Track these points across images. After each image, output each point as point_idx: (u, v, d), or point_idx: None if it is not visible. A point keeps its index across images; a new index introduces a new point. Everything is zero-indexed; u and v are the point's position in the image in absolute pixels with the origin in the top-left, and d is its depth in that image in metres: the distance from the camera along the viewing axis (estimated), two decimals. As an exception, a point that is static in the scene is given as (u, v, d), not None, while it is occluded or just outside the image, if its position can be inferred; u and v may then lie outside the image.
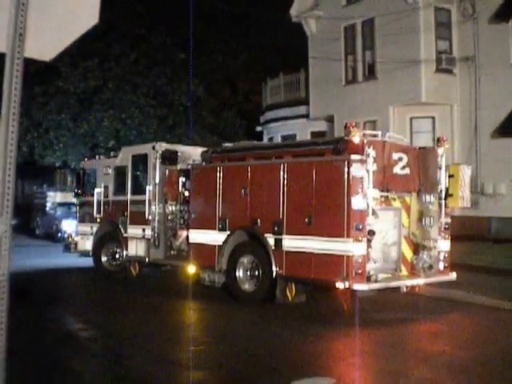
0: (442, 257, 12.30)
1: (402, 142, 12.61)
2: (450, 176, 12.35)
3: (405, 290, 12.25)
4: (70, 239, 18.44)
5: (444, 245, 12.36)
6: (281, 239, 11.89)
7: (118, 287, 15.62)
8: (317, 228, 11.22)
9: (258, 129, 31.06)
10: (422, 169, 12.33)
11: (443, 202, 12.23)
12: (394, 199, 11.94)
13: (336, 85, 25.89)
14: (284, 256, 11.84)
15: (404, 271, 11.98)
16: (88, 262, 17.54)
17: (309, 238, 11.37)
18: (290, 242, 11.74)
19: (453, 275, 12.44)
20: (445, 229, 12.35)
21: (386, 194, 11.68)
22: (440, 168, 12.24)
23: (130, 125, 27.54)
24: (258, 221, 12.43)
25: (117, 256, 16.65)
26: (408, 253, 12.10)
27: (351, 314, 11.03)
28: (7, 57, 4.04)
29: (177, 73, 28.43)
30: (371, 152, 10.96)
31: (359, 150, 10.84)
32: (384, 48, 23.95)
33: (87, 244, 17.33)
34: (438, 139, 12.56)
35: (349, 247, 10.65)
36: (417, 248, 12.13)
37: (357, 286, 10.64)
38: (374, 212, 10.97)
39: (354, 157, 10.79)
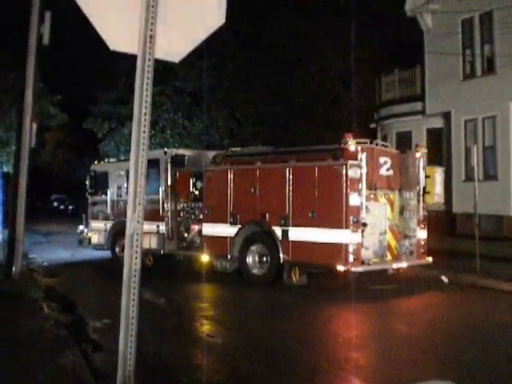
0: (420, 244, 14.79)
1: (386, 148, 15.31)
2: (427, 176, 14.81)
3: (391, 271, 14.40)
4: (82, 235, 20.57)
5: (421, 234, 14.81)
6: (287, 230, 14.21)
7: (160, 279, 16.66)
8: (319, 221, 13.59)
9: (372, 126, 30.60)
10: (403, 170, 14.88)
11: (421, 198, 14.67)
12: (381, 196, 14.48)
13: (453, 80, 25.15)
14: (290, 244, 14.16)
15: (389, 256, 14.54)
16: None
17: (312, 230, 13.71)
18: (296, 233, 14.06)
19: (429, 259, 14.87)
20: (422, 220, 14.75)
21: (374, 191, 14.12)
22: (418, 169, 14.69)
23: (245, 123, 27.72)
24: (267, 215, 14.69)
25: None
26: (392, 241, 14.68)
27: (351, 290, 13.30)
28: (138, 58, 4.17)
29: (292, 70, 28.39)
30: (364, 157, 13.29)
31: (354, 156, 13.26)
32: (503, 41, 23.07)
33: (100, 239, 19.60)
34: (416, 145, 15.34)
35: (347, 237, 13.08)
36: (399, 237, 14.75)
37: (354, 269, 13.08)
38: (366, 207, 13.43)
39: (351, 162, 13.20)
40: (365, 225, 13.37)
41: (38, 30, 15.50)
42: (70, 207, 64.21)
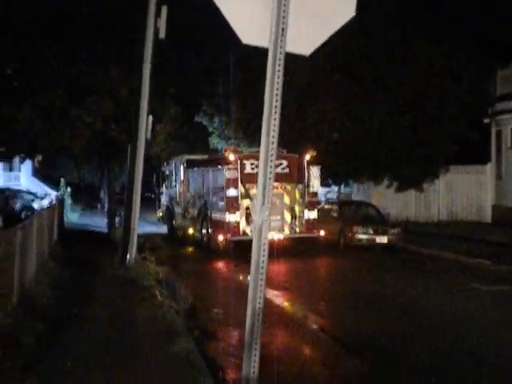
0: (308, 221, 20.87)
1: (282, 153, 20.16)
2: (308, 173, 20.84)
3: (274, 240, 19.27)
4: (159, 215, 29.71)
5: (308, 214, 20.86)
6: (211, 213, 21.71)
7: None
8: (218, 207, 20.91)
9: (486, 121, 29.51)
10: (297, 168, 20.92)
11: (306, 189, 20.85)
12: (277, 188, 20.12)
13: None
14: (210, 223, 21.67)
15: (286, 230, 20.70)
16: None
17: (216, 213, 21.01)
18: (213, 215, 21.40)
19: (321, 233, 20.93)
20: (310, 204, 20.93)
21: None
22: (304, 168, 20.89)
23: (356, 118, 27.07)
24: (206, 203, 22.45)
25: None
26: (288, 219, 20.82)
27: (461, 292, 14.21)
28: (270, 51, 4.17)
29: (401, 64, 27.60)
30: (239, 163, 20.02)
31: (234, 162, 20.04)
32: None
33: (164, 217, 29.00)
34: (307, 148, 21.18)
35: (227, 217, 20.08)
36: (294, 216, 20.79)
37: (230, 238, 19.96)
38: (249, 196, 19.58)
39: (228, 166, 20.14)
40: (247, 208, 19.84)
41: (155, 24, 15.84)
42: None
